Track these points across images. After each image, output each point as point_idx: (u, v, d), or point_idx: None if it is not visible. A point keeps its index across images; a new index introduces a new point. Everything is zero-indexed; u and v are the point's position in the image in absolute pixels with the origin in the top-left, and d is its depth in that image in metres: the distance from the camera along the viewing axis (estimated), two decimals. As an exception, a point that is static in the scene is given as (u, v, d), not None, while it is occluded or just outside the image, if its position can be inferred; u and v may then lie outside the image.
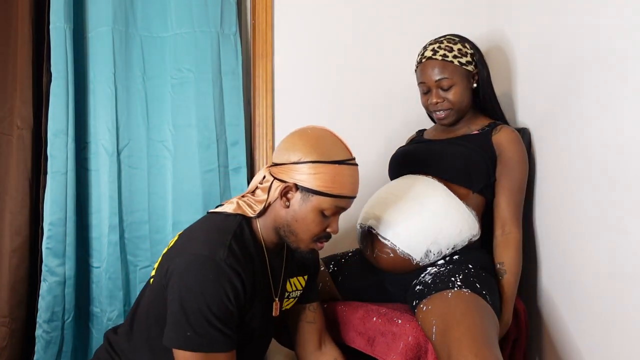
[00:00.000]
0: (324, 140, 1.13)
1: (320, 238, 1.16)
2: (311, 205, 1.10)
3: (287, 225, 1.13)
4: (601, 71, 1.20)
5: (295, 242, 1.15)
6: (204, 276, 1.02)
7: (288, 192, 1.11)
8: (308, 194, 1.10)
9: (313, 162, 1.09)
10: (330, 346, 1.32)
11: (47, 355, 1.52)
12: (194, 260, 1.04)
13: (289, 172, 1.11)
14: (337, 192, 1.10)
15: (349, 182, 1.12)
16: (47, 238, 1.52)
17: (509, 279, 1.34)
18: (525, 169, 1.43)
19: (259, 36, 1.82)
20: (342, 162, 1.11)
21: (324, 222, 1.13)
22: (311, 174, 1.09)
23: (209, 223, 1.15)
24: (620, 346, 1.14)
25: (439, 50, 1.44)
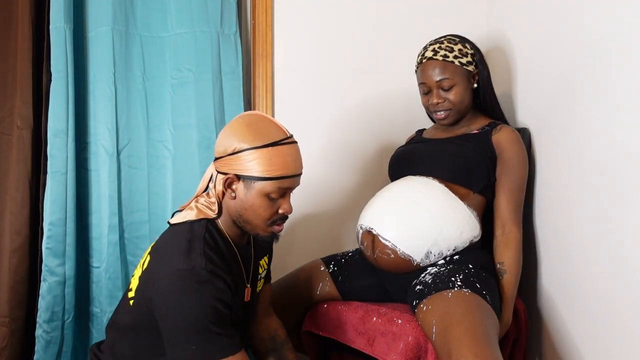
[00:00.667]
0: (255, 125, 1.13)
1: (275, 221, 1.16)
2: (255, 191, 1.11)
3: (239, 216, 1.14)
4: (601, 71, 1.20)
5: (252, 229, 1.16)
6: (189, 290, 1.03)
7: (231, 183, 1.13)
8: (250, 182, 1.10)
9: (247, 149, 1.09)
10: (274, 318, 1.38)
11: (47, 355, 1.52)
12: (174, 279, 1.04)
13: (228, 164, 1.12)
14: (277, 173, 1.10)
15: (286, 161, 1.11)
16: (47, 238, 1.52)
17: (509, 278, 1.34)
18: (525, 169, 1.43)
19: (259, 36, 1.82)
20: (276, 143, 1.11)
21: (274, 205, 1.14)
22: (248, 161, 1.09)
23: (177, 236, 1.14)
24: (620, 346, 1.14)
25: (439, 51, 1.44)
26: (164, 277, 1.06)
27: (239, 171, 1.10)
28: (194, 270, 1.04)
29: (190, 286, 1.03)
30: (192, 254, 1.08)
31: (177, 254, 1.09)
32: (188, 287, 1.03)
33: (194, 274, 1.04)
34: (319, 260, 1.55)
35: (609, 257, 1.18)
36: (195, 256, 1.07)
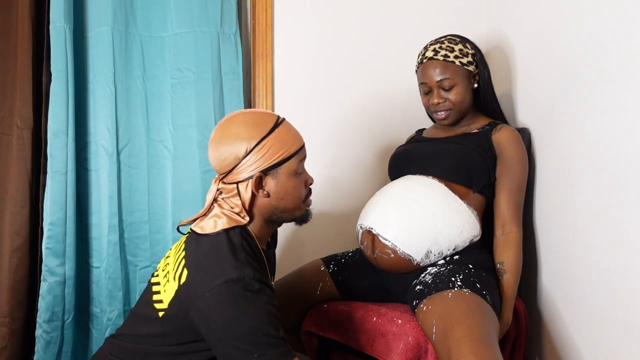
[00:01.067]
0: (246, 122, 1.12)
1: (307, 195, 1.20)
2: (284, 177, 1.12)
3: (277, 209, 1.15)
4: (601, 71, 1.20)
5: (291, 215, 1.18)
6: (244, 300, 1.01)
7: (260, 182, 1.11)
8: (276, 170, 1.11)
9: (258, 142, 1.09)
10: None
11: (47, 355, 1.52)
12: (225, 290, 1.01)
13: (247, 167, 1.10)
14: (294, 148, 1.13)
15: (294, 134, 1.15)
16: (47, 238, 1.52)
17: (508, 279, 1.34)
18: (525, 169, 1.43)
19: (259, 36, 1.82)
20: (277, 124, 1.13)
21: (301, 181, 1.16)
22: (264, 154, 1.09)
23: (217, 247, 1.10)
24: (620, 346, 1.14)
25: (440, 51, 1.44)
26: (212, 290, 1.01)
27: (261, 166, 1.09)
28: (245, 281, 1.02)
29: (243, 296, 1.01)
30: (238, 264, 1.05)
31: (222, 264, 1.05)
32: (242, 297, 1.01)
33: (246, 284, 1.02)
34: (319, 260, 1.55)
35: (609, 257, 1.18)
36: (241, 266, 1.04)
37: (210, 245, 1.10)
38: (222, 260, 1.06)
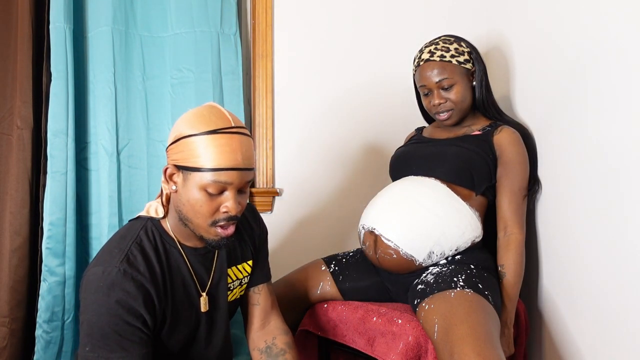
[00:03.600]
0: (200, 113, 1.04)
1: (218, 221, 1.04)
2: (192, 183, 1.01)
3: (180, 212, 1.06)
4: (601, 71, 1.20)
5: (195, 229, 1.06)
6: (96, 291, 0.99)
7: (172, 174, 1.05)
8: (187, 172, 1.01)
9: (184, 137, 1.01)
10: (274, 325, 1.27)
11: (47, 355, 1.52)
12: (89, 278, 1.01)
13: (171, 154, 1.05)
14: (211, 165, 0.99)
15: (223, 152, 1.00)
16: (47, 238, 1.52)
17: (509, 281, 1.34)
18: (526, 170, 1.43)
19: (259, 36, 1.82)
20: (214, 131, 1.00)
21: (214, 202, 1.03)
22: (184, 150, 1.01)
23: (115, 234, 1.11)
24: (621, 346, 1.14)
25: (436, 52, 1.44)
26: (85, 274, 1.03)
27: (176, 160, 1.03)
28: (105, 271, 1.00)
29: (97, 287, 0.99)
30: (113, 253, 1.03)
31: (103, 252, 1.05)
32: (95, 288, 0.99)
33: (105, 274, 0.99)
34: (319, 260, 1.55)
35: (609, 257, 1.18)
36: (115, 255, 1.02)
37: (117, 231, 1.12)
38: (105, 248, 1.06)
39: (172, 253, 1.10)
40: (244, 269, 1.25)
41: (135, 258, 1.03)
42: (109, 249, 1.06)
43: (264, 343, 1.24)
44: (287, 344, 1.23)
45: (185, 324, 1.12)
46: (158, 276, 1.05)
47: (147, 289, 1.02)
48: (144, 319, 1.02)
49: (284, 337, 1.25)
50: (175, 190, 1.05)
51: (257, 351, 1.24)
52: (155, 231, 1.10)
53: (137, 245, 1.05)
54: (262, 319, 1.27)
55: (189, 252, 1.12)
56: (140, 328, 1.01)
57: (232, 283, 1.21)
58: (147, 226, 1.10)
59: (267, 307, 1.29)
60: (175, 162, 1.03)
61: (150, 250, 1.07)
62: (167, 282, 1.08)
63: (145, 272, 1.03)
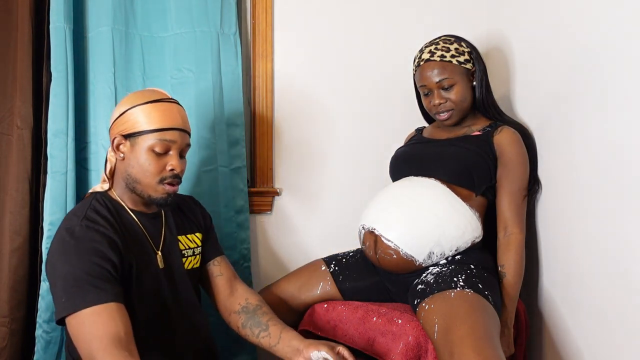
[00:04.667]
0: (141, 92, 1.25)
1: (165, 178, 1.21)
2: (140, 147, 1.18)
3: (129, 176, 1.21)
4: (601, 71, 1.20)
5: (143, 190, 1.21)
6: (63, 245, 1.10)
7: (119, 145, 1.21)
8: (134, 138, 1.19)
9: (129, 109, 1.19)
10: (242, 290, 1.36)
11: (47, 355, 1.51)
12: (55, 241, 1.13)
13: (116, 128, 1.21)
14: (156, 125, 1.18)
15: (165, 115, 1.19)
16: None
17: (509, 281, 1.34)
18: (525, 170, 1.43)
19: (259, 36, 1.82)
20: (154, 101, 1.20)
21: (161, 161, 1.20)
22: (130, 119, 1.19)
23: (69, 211, 1.24)
24: (621, 346, 1.14)
25: (436, 52, 1.44)
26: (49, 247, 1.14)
27: (124, 131, 1.19)
28: (69, 229, 1.12)
29: (66, 242, 1.10)
30: (72, 219, 1.15)
31: (61, 223, 1.17)
32: (65, 242, 1.10)
33: (69, 232, 1.11)
34: (319, 260, 1.55)
35: (609, 257, 1.18)
36: (73, 219, 1.15)
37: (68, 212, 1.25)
38: (63, 221, 1.19)
39: (124, 215, 1.23)
40: (193, 240, 1.36)
41: (94, 217, 1.16)
42: (67, 218, 1.18)
43: (238, 305, 1.33)
44: (260, 301, 1.33)
45: (148, 276, 1.20)
46: (117, 228, 1.18)
47: (110, 236, 1.14)
48: (112, 262, 1.10)
49: (255, 296, 1.35)
50: (122, 158, 1.21)
51: (234, 314, 1.32)
52: (106, 199, 1.23)
53: (92, 209, 1.18)
54: (229, 287, 1.36)
55: (139, 215, 1.26)
56: (109, 270, 1.09)
57: (185, 250, 1.32)
58: (96, 197, 1.23)
59: (230, 276, 1.38)
60: (121, 133, 1.20)
61: (106, 212, 1.19)
62: (126, 236, 1.19)
63: (105, 225, 1.15)
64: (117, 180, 1.25)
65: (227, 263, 1.41)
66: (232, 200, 1.71)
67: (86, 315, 1.03)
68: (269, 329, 1.24)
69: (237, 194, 1.72)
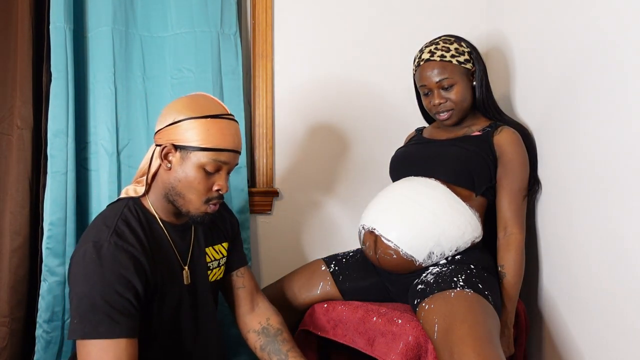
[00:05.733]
0: (197, 99, 1.16)
1: (210, 199, 1.15)
2: (191, 162, 1.11)
3: (172, 189, 1.14)
4: (600, 71, 1.20)
5: (184, 205, 1.15)
6: (88, 261, 1.03)
7: (168, 153, 1.13)
8: (186, 152, 1.11)
9: (186, 119, 1.11)
10: (264, 307, 1.33)
11: (47, 355, 1.52)
12: (79, 254, 1.05)
13: (167, 135, 1.13)
14: (213, 144, 1.11)
15: (224, 134, 1.12)
16: (47, 238, 1.52)
17: (509, 281, 1.34)
18: (525, 170, 1.43)
19: (259, 36, 1.82)
20: (215, 116, 1.13)
21: (209, 180, 1.14)
22: (185, 131, 1.11)
23: (98, 217, 1.16)
24: (620, 346, 1.14)
25: (436, 52, 1.44)
26: (73, 257, 1.07)
27: (176, 141, 1.12)
28: (97, 244, 1.05)
29: (89, 260, 1.03)
30: (101, 229, 1.08)
31: (90, 231, 1.10)
32: (88, 261, 1.03)
33: (97, 247, 1.04)
34: (319, 260, 1.55)
35: (609, 257, 1.18)
36: (103, 230, 1.08)
37: (96, 216, 1.17)
38: (92, 227, 1.12)
39: (154, 227, 1.17)
40: (220, 251, 1.31)
41: (124, 232, 1.09)
42: (96, 227, 1.11)
43: (258, 325, 1.30)
44: (281, 324, 1.30)
45: (171, 295, 1.16)
46: (146, 247, 1.11)
47: (138, 258, 1.07)
48: (135, 290, 1.05)
49: (277, 318, 1.32)
50: (168, 168, 1.14)
51: (254, 333, 1.29)
52: (138, 208, 1.17)
53: (123, 221, 1.11)
54: (250, 301, 1.33)
55: (169, 228, 1.20)
56: (131, 301, 1.04)
57: (211, 262, 1.28)
58: (129, 205, 1.17)
59: (253, 289, 1.35)
60: (173, 142, 1.12)
61: (136, 225, 1.13)
62: (155, 253, 1.13)
63: (134, 243, 1.08)
64: (155, 187, 1.18)
65: (250, 274, 1.37)
66: (232, 201, 1.71)
67: (94, 347, 0.99)
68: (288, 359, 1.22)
69: (237, 194, 1.72)
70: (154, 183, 1.19)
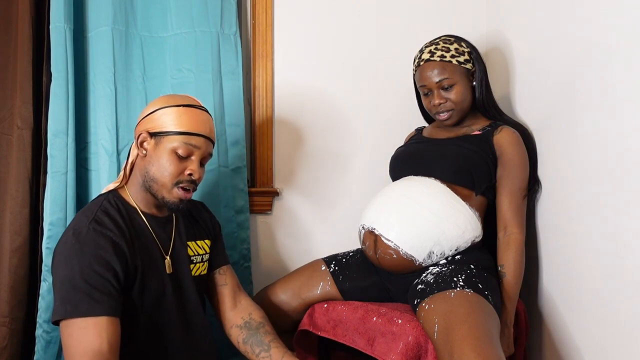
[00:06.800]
0: (173, 95, 1.26)
1: (181, 182, 1.21)
2: (163, 146, 1.19)
3: (147, 174, 1.21)
4: (601, 71, 1.20)
5: (158, 190, 1.20)
6: (68, 247, 1.09)
7: (143, 141, 1.21)
8: (160, 137, 1.19)
9: (160, 108, 1.21)
10: (246, 303, 1.37)
11: (47, 355, 1.51)
12: (60, 244, 1.13)
13: (144, 125, 1.22)
14: (184, 128, 1.19)
15: (195, 120, 1.20)
16: (47, 238, 1.52)
17: (509, 281, 1.34)
18: (525, 170, 1.43)
19: (259, 36, 1.82)
20: (188, 105, 1.22)
21: (181, 164, 1.20)
22: (159, 117, 1.20)
23: (81, 209, 1.23)
24: (620, 346, 1.14)
25: (436, 52, 1.44)
26: (56, 246, 1.14)
27: (151, 128, 1.20)
28: (76, 231, 1.11)
29: (71, 244, 1.09)
30: (81, 219, 1.15)
31: (70, 224, 1.17)
32: (68, 246, 1.09)
33: (76, 233, 1.11)
34: (320, 260, 1.55)
35: (609, 257, 1.18)
36: (82, 220, 1.14)
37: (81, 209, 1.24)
38: (72, 220, 1.19)
39: (134, 218, 1.23)
40: (202, 247, 1.36)
41: (102, 220, 1.15)
42: (75, 219, 1.18)
43: (240, 319, 1.33)
44: (263, 318, 1.34)
45: (153, 281, 1.19)
46: (125, 232, 1.17)
47: (117, 242, 1.13)
48: (115, 270, 1.10)
49: (259, 312, 1.35)
50: (144, 155, 1.21)
51: (236, 328, 1.32)
52: (118, 200, 1.23)
53: (103, 211, 1.18)
54: (232, 298, 1.37)
55: (150, 219, 1.25)
56: (110, 281, 1.08)
57: (195, 257, 1.33)
58: (108, 197, 1.23)
59: (235, 286, 1.39)
60: (148, 130, 1.20)
61: (115, 214, 1.19)
62: (134, 240, 1.19)
63: (113, 229, 1.14)
64: (134, 177, 1.25)
65: (232, 273, 1.41)
66: (232, 200, 1.71)
67: (75, 326, 1.03)
68: (271, 350, 1.24)
69: (237, 194, 1.72)
70: (132, 174, 1.26)
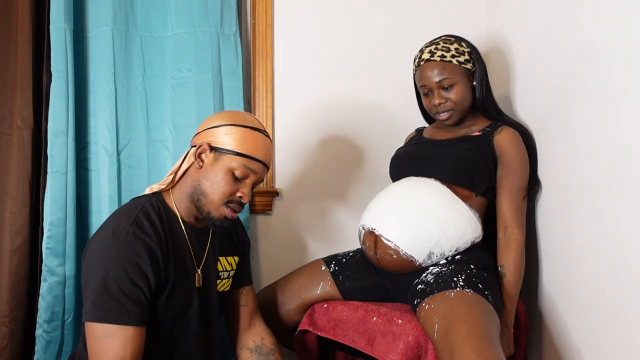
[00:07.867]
0: (240, 113, 1.26)
1: (231, 202, 1.20)
2: (222, 163, 1.18)
3: (198, 186, 1.19)
4: (600, 71, 1.20)
5: (205, 205, 1.19)
6: (106, 247, 1.09)
7: (202, 153, 1.20)
8: (220, 154, 1.18)
9: (227, 125, 1.19)
10: (260, 327, 1.37)
11: (47, 355, 1.52)
12: (98, 240, 1.10)
13: (206, 137, 1.21)
14: (246, 151, 1.18)
15: (258, 145, 1.20)
16: (47, 238, 1.52)
17: (509, 281, 1.34)
18: (525, 170, 1.43)
19: (259, 36, 1.82)
20: (254, 128, 1.21)
21: (234, 185, 1.19)
22: (223, 134, 1.19)
23: (120, 208, 1.22)
24: (620, 347, 1.14)
25: (436, 52, 1.44)
26: (90, 243, 1.12)
27: (213, 142, 1.19)
28: (115, 231, 1.09)
29: (108, 245, 1.08)
30: (121, 219, 1.13)
31: (110, 220, 1.16)
32: (106, 246, 1.08)
33: (115, 234, 1.09)
34: (319, 260, 1.55)
35: (609, 257, 1.18)
36: (123, 220, 1.12)
37: (118, 208, 1.23)
38: (112, 218, 1.17)
39: (174, 225, 1.21)
40: (231, 263, 1.35)
41: (143, 223, 1.13)
42: (117, 217, 1.15)
43: (252, 343, 1.33)
44: (275, 345, 1.34)
45: (181, 292, 1.19)
46: (162, 239, 1.15)
47: (154, 250, 1.11)
48: (148, 281, 1.09)
49: (271, 338, 1.35)
50: (200, 166, 1.19)
51: (247, 350, 1.32)
52: (160, 204, 1.21)
53: (144, 213, 1.16)
54: (248, 320, 1.36)
55: (188, 228, 1.23)
56: (143, 291, 1.08)
57: (222, 272, 1.31)
58: (152, 200, 1.21)
59: (253, 309, 1.38)
60: (210, 143, 1.19)
61: (156, 219, 1.17)
62: (170, 247, 1.17)
63: (152, 235, 1.12)
64: (183, 184, 1.23)
65: (253, 294, 1.41)
66: (232, 200, 1.71)
67: (102, 330, 1.04)
68: None
69: (237, 193, 1.72)
70: (181, 181, 1.24)
